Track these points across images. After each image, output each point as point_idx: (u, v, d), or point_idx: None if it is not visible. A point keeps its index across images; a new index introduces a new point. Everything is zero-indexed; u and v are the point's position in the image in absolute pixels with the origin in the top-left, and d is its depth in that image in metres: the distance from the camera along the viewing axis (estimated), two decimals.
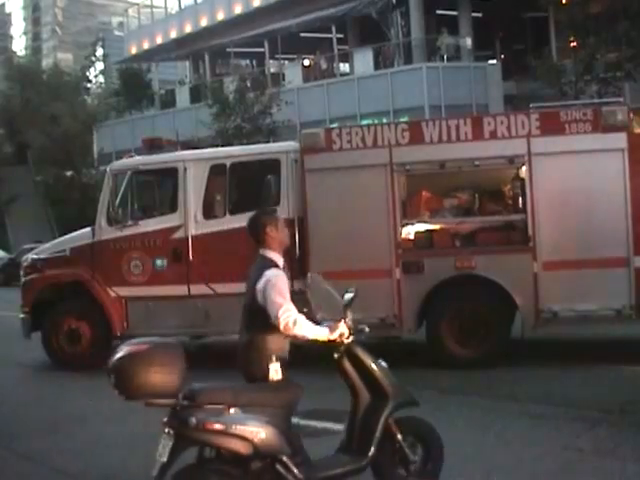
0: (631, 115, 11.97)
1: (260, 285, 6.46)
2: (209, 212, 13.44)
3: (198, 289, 13.24)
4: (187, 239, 13.28)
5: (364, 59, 38.83)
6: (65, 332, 13.79)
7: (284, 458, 6.15)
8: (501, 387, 10.81)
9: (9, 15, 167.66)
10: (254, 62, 49.58)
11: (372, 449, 6.54)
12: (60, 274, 14.05)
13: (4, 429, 10.24)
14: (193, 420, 5.91)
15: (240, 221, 13.01)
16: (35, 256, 14.59)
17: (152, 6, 57.36)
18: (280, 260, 6.73)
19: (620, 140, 11.64)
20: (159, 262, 13.45)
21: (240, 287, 12.75)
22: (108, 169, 14.11)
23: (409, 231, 12.58)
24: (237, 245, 12.98)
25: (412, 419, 7.04)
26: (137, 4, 63.35)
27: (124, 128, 46.70)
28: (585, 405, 9.46)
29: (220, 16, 48.38)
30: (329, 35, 40.84)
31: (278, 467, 6.14)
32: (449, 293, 12.21)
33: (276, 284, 6.40)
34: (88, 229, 14.03)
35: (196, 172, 13.38)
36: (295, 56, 44.27)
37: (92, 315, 13.72)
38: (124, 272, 13.56)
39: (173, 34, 51.87)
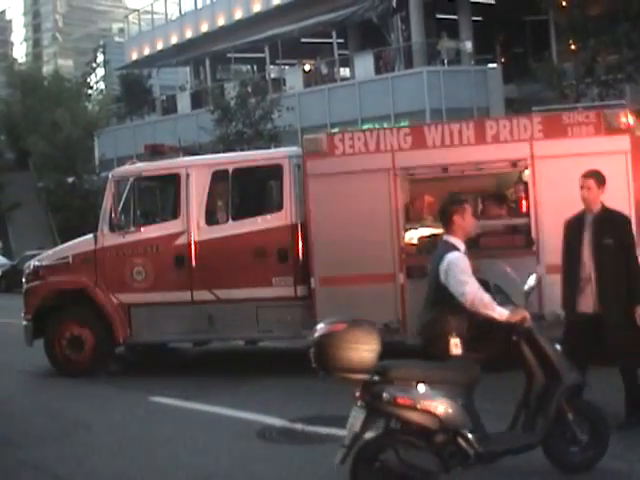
0: (634, 117, 11.95)
1: (443, 266, 7.02)
2: (212, 218, 13.43)
3: (201, 295, 13.21)
4: (190, 245, 13.25)
5: (365, 64, 38.87)
6: (68, 339, 13.75)
7: (466, 432, 6.61)
8: (505, 391, 10.74)
9: (10, 22, 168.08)
10: (255, 67, 49.66)
11: (545, 427, 7.03)
12: (63, 281, 14.03)
13: (6, 436, 10.23)
14: (386, 395, 6.44)
15: (243, 227, 13.17)
16: (37, 263, 14.57)
17: (152, 12, 57.53)
18: (462, 246, 7.27)
19: (623, 142, 11.62)
20: (162, 268, 13.42)
21: (242, 293, 12.94)
22: (110, 175, 14.09)
23: (412, 236, 12.56)
24: (240, 251, 13.03)
25: (581, 401, 7.46)
26: (137, 10, 63.49)
27: (125, 134, 46.79)
28: None
29: (220, 21, 48.48)
30: (330, 40, 40.88)
31: (460, 440, 6.60)
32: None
33: (459, 264, 7.00)
34: (90, 236, 13.99)
35: (198, 178, 13.35)
36: (296, 61, 44.32)
37: (95, 322, 13.69)
38: (127, 279, 13.53)
39: (174, 40, 51.97)
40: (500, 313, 6.99)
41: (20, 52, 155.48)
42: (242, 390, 12.06)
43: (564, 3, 27.89)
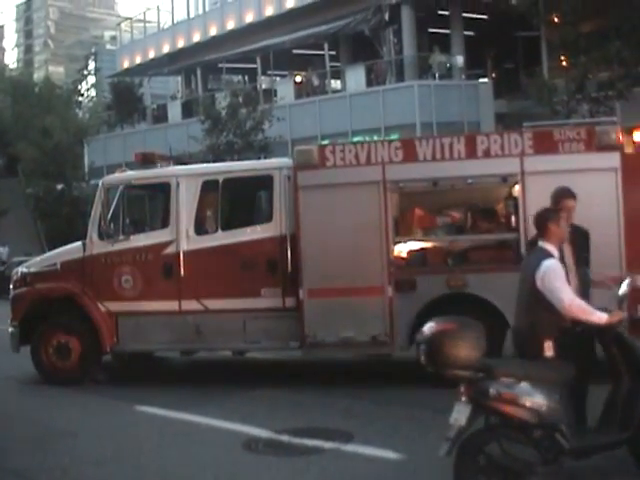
0: (624, 134, 11.98)
1: (540, 272, 7.37)
2: (201, 228, 13.40)
3: (189, 305, 13.17)
4: (178, 254, 13.21)
5: (356, 76, 38.88)
6: (54, 346, 13.71)
7: (562, 427, 6.95)
8: None
9: (1, 27, 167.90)
10: (246, 78, 49.61)
11: (632, 426, 7.28)
12: (50, 288, 13.97)
13: None
14: (492, 391, 6.81)
15: (232, 237, 13.15)
16: (25, 269, 14.52)
17: (145, 21, 57.43)
18: (555, 252, 7.70)
19: (613, 159, 11.65)
20: (150, 277, 13.39)
21: (230, 303, 12.92)
22: (100, 183, 14.05)
23: (402, 249, 12.55)
24: (229, 261, 13.01)
25: None
26: (130, 18, 63.45)
27: (115, 142, 46.71)
28: None
29: (212, 31, 48.48)
30: (321, 52, 40.87)
31: (557, 436, 6.93)
32: (441, 311, 12.13)
33: (555, 271, 7.38)
34: (79, 243, 13.97)
35: (188, 187, 13.34)
36: (287, 72, 44.34)
37: (82, 330, 13.64)
38: (115, 287, 13.49)
39: (165, 49, 51.93)
40: (599, 317, 7.25)
41: (11, 58, 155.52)
42: (229, 401, 12.03)
43: (556, 19, 28.00)
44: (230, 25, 47.25)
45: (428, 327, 7.03)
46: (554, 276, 7.32)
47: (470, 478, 6.84)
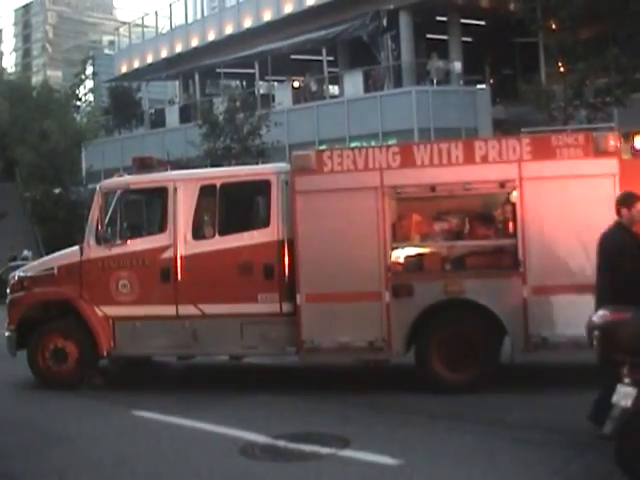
0: (622, 140, 11.98)
1: None
2: (198, 232, 13.38)
3: (186, 309, 13.15)
4: (176, 259, 13.19)
5: (354, 82, 38.95)
6: (51, 351, 13.69)
7: None
8: (490, 412, 10.75)
9: (0, 32, 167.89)
10: (244, 83, 49.69)
11: None
12: (47, 292, 13.97)
13: None
14: None
15: (229, 242, 13.14)
16: (22, 274, 14.51)
17: (143, 25, 57.50)
18: None
19: (611, 165, 11.64)
20: (147, 282, 13.37)
21: (227, 308, 12.90)
22: (98, 187, 14.04)
23: (399, 254, 12.52)
24: (226, 266, 13.00)
25: None
26: (128, 23, 63.48)
27: (113, 147, 46.78)
28: (576, 431, 9.40)
29: (211, 36, 48.56)
30: (319, 57, 40.94)
31: None
32: (438, 317, 12.16)
33: None
34: (76, 247, 13.93)
35: (186, 192, 13.32)
36: (285, 78, 44.37)
37: (79, 334, 13.61)
38: (112, 291, 13.46)
39: (164, 53, 51.99)
40: None
41: (9, 62, 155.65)
42: (226, 406, 12.01)
43: (554, 26, 28.05)
44: (228, 30, 47.32)
45: (600, 316, 7.62)
46: None
47: (633, 457, 7.17)
